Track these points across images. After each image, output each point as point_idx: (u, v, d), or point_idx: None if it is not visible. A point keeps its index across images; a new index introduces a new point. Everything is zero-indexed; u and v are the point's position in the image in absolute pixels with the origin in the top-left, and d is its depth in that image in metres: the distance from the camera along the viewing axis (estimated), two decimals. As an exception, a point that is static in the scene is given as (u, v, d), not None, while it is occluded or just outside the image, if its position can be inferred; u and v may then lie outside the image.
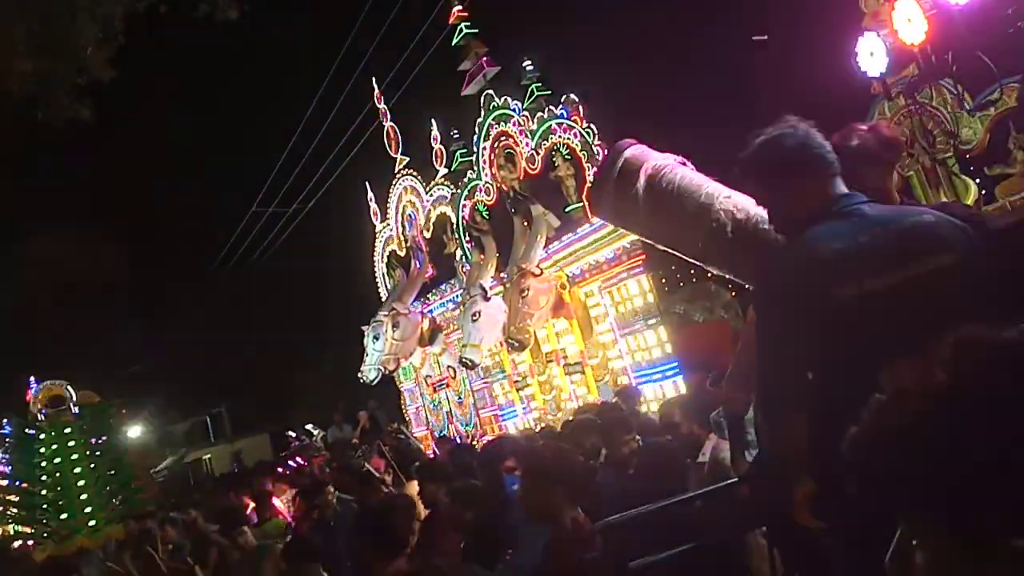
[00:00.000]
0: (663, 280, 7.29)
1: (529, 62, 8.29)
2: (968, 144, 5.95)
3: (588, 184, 7.08)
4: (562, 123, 7.71)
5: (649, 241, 2.92)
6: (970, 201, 5.82)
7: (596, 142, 7.44)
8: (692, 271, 6.94)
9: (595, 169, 6.98)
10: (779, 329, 2.00)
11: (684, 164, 2.56)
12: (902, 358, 1.83)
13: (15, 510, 14.90)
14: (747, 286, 2.57)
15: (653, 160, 2.55)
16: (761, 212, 2.32)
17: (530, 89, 8.22)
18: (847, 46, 5.59)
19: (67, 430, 14.48)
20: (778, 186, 2.15)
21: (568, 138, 7.67)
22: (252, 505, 9.35)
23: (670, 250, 2.72)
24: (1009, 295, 1.96)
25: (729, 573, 2.65)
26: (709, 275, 5.51)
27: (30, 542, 14.01)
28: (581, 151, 7.56)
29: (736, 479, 3.39)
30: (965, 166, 6.03)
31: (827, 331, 1.91)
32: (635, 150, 2.60)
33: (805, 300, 1.95)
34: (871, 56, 5.50)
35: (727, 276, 2.67)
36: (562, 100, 7.82)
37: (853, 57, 5.56)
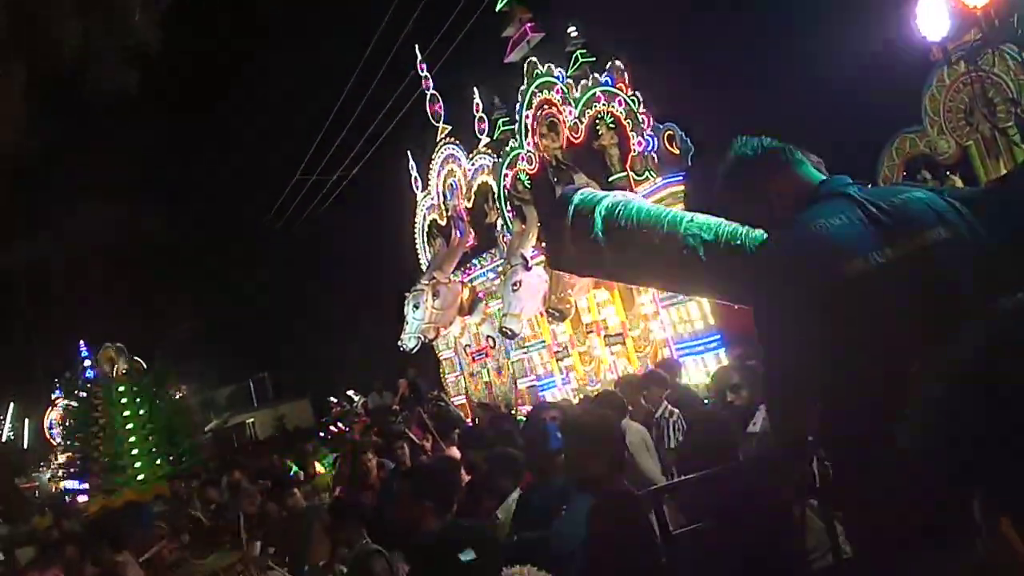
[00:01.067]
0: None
1: (574, 28, 8.15)
2: (1032, 113, 5.71)
3: (541, 238, 6.99)
4: (607, 91, 7.58)
5: (619, 282, 2.87)
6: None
7: (641, 110, 7.31)
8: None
9: (542, 224, 6.90)
10: (789, 312, 1.96)
11: (635, 196, 2.50)
12: (910, 332, 1.82)
13: (70, 468, 15.47)
14: (732, 305, 2.53)
15: (604, 198, 2.49)
16: (728, 229, 2.30)
17: (574, 56, 8.10)
18: (906, 9, 5.36)
19: (120, 388, 14.96)
20: (757, 194, 2.14)
21: (613, 106, 7.55)
22: (294, 469, 9.56)
23: (642, 286, 2.70)
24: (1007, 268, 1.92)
25: (774, 542, 2.62)
26: None
27: (81, 497, 14.54)
28: (626, 119, 7.45)
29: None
30: (1027, 135, 5.79)
31: (838, 308, 1.88)
32: (583, 193, 2.55)
33: (813, 279, 1.91)
34: (932, 19, 5.28)
35: (708, 299, 2.64)
36: (607, 67, 7.69)
37: (912, 21, 5.34)
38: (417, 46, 11.14)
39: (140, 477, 14.35)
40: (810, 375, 1.94)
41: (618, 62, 7.58)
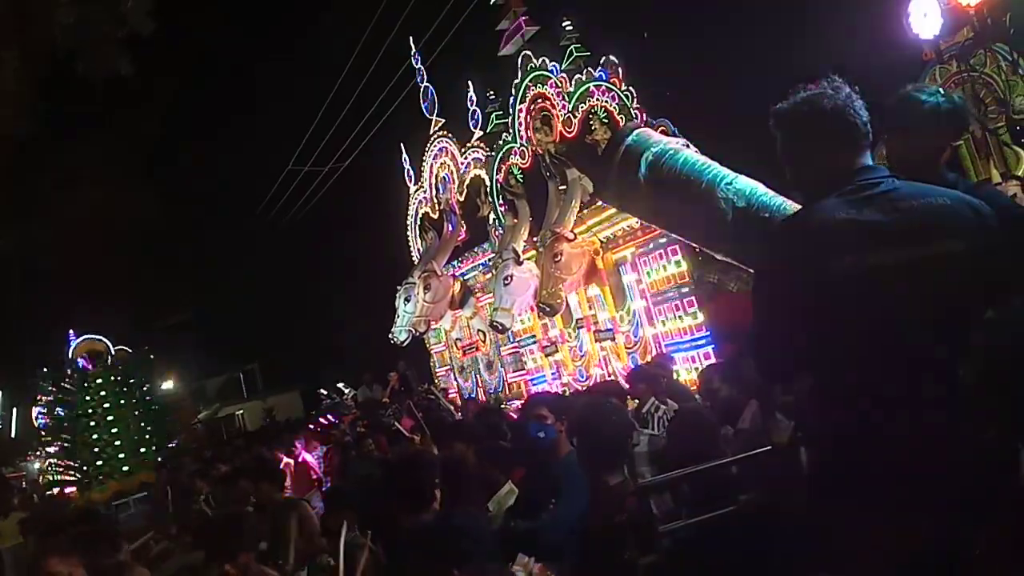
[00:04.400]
0: (697, 248, 7.20)
1: (568, 22, 8.13)
2: (1021, 113, 5.74)
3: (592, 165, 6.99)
4: (600, 85, 7.56)
5: (651, 223, 2.89)
6: (1021, 172, 5.63)
7: (635, 106, 7.30)
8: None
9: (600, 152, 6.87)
10: (773, 298, 2.00)
11: (687, 147, 2.51)
12: (892, 339, 1.83)
13: (54, 460, 15.40)
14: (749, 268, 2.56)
15: (656, 144, 2.51)
16: (761, 199, 2.31)
17: (569, 50, 8.07)
18: (899, 8, 5.37)
19: (100, 380, 14.89)
20: (805, 148, 2.13)
21: (606, 101, 7.53)
22: (284, 460, 9.53)
23: (672, 233, 2.72)
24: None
25: (761, 538, 2.63)
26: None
27: (68, 489, 14.47)
28: (619, 115, 7.42)
29: (767, 448, 3.36)
30: (1017, 136, 5.82)
31: (820, 304, 1.90)
32: (638, 134, 2.57)
33: (801, 270, 1.93)
34: (924, 17, 5.29)
35: (728, 259, 2.65)
36: (601, 62, 7.67)
37: (905, 18, 5.35)
38: (411, 38, 11.11)
39: (125, 468, 14.30)
40: (783, 366, 1.96)
41: (612, 57, 7.56)
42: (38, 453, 18.65)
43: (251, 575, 3.67)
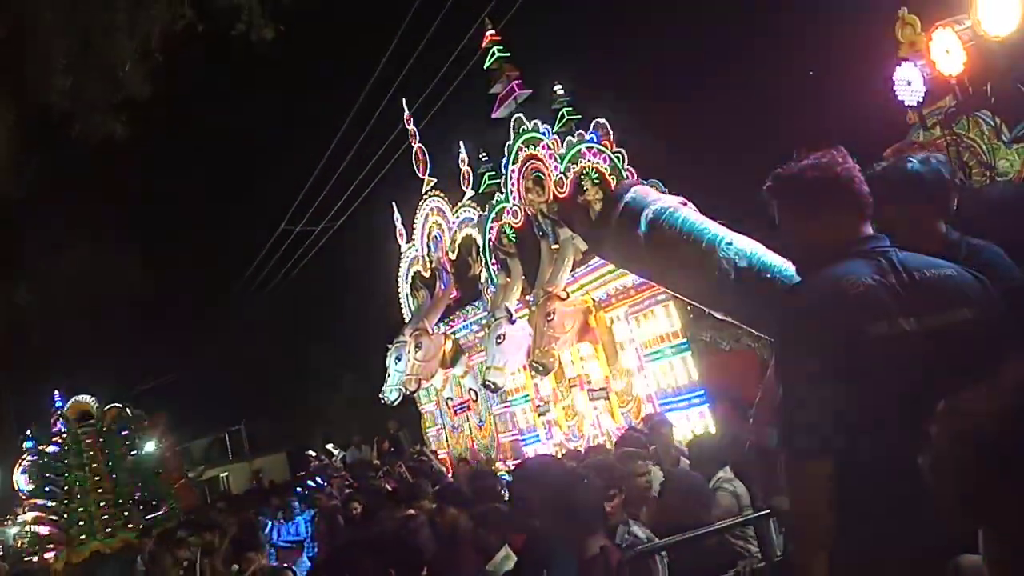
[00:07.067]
0: (690, 307, 7.20)
1: (560, 86, 8.31)
2: (1004, 176, 5.84)
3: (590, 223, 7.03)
4: (592, 147, 7.68)
5: (650, 282, 2.89)
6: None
7: (626, 167, 7.41)
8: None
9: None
10: (807, 366, 1.94)
11: (686, 205, 2.53)
12: (924, 402, 1.81)
13: (37, 525, 14.98)
14: (749, 329, 2.54)
15: (655, 203, 2.53)
16: (762, 260, 2.29)
17: (560, 113, 8.23)
18: (883, 75, 5.52)
19: (88, 440, 14.61)
20: (811, 214, 2.13)
21: (597, 162, 7.63)
22: (269, 525, 9.33)
23: (670, 292, 2.72)
24: None
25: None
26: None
27: (48, 555, 14.06)
28: (610, 175, 7.53)
29: (765, 512, 3.32)
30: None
31: (855, 369, 1.87)
32: (637, 191, 2.59)
33: (835, 335, 1.90)
34: (908, 85, 5.44)
35: (729, 320, 2.63)
36: (592, 125, 7.82)
37: (890, 86, 5.50)
38: (404, 100, 11.30)
39: (108, 529, 13.93)
40: (823, 437, 1.90)
41: (603, 120, 7.71)
42: (18, 516, 18.17)
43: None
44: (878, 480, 1.83)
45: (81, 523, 13.98)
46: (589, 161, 7.70)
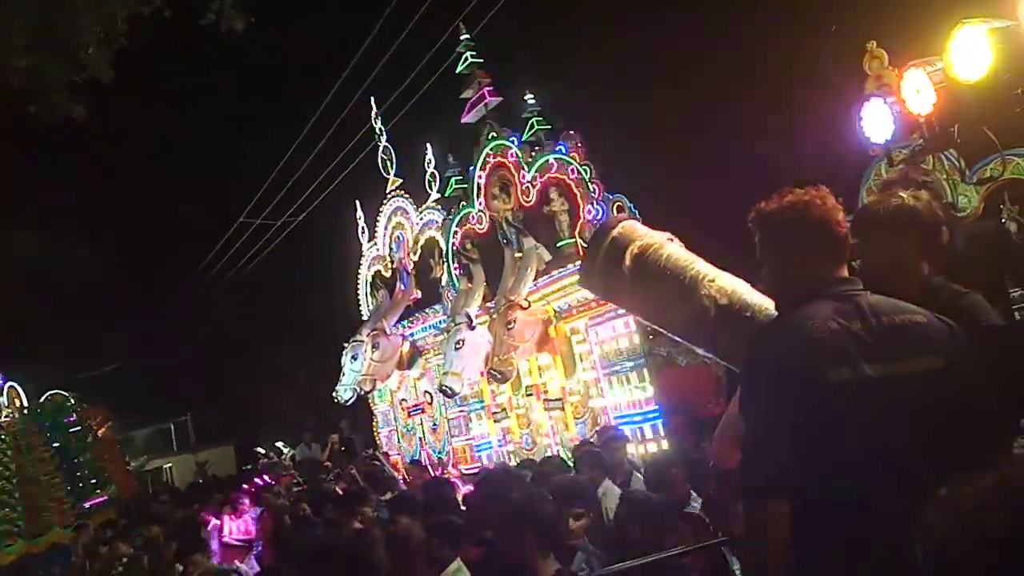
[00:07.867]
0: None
1: (531, 95, 8.33)
2: (963, 212, 5.98)
3: (579, 258, 7.07)
4: (560, 158, 7.71)
5: (634, 315, 2.90)
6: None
7: (593, 179, 7.45)
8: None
9: (586, 244, 6.97)
10: (768, 409, 1.96)
11: (672, 241, 2.54)
12: (888, 451, 1.83)
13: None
14: (728, 365, 2.54)
15: (641, 237, 2.54)
16: (743, 298, 2.31)
17: (530, 122, 8.24)
18: (850, 111, 5.59)
19: (22, 425, 14.08)
20: (785, 252, 2.14)
21: (565, 174, 7.68)
22: (213, 522, 9.14)
23: (655, 327, 2.72)
24: (996, 397, 1.97)
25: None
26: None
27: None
28: (577, 187, 7.57)
29: (725, 538, 3.35)
30: (958, 234, 6.06)
31: (816, 412, 1.89)
32: (624, 226, 2.59)
33: (797, 380, 1.92)
34: (876, 123, 5.51)
35: (710, 356, 2.64)
36: (561, 136, 7.85)
37: (857, 123, 5.57)
38: (373, 99, 11.20)
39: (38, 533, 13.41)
40: (782, 479, 1.91)
41: (571, 132, 7.74)
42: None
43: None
44: (836, 522, 1.86)
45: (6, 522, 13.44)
46: (557, 172, 7.75)
